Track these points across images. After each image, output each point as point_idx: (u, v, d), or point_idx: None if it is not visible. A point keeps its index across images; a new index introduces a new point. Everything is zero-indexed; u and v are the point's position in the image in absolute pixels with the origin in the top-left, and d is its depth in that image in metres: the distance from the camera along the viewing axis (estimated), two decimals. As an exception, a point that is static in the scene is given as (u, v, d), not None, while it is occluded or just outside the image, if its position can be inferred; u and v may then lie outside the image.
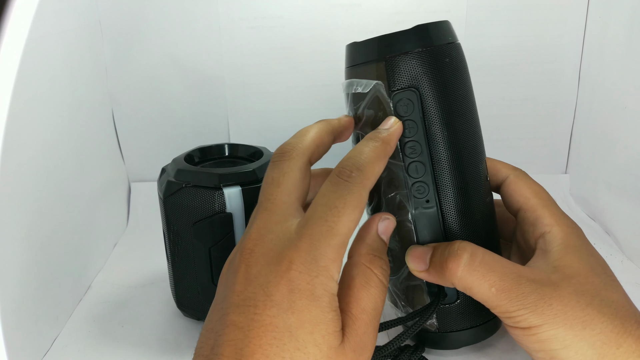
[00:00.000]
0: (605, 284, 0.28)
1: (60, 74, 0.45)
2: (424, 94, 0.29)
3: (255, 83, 0.62)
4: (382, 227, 0.29)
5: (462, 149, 0.30)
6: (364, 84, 0.30)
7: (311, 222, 0.25)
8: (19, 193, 0.36)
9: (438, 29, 0.30)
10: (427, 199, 0.30)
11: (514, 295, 0.27)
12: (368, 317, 0.26)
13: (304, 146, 0.29)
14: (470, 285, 0.28)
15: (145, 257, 0.52)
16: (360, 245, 0.28)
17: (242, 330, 0.23)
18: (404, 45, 0.29)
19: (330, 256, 0.25)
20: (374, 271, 0.27)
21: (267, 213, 0.27)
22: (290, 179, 0.28)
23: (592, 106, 0.60)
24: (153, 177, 0.58)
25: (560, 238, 0.30)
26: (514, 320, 0.28)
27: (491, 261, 0.29)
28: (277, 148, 0.30)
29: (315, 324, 0.23)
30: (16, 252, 0.36)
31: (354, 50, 0.32)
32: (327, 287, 0.24)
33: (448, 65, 0.30)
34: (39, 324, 0.38)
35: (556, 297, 0.27)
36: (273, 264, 0.24)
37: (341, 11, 0.59)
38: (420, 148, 0.30)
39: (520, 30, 0.60)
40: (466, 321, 0.32)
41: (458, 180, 0.30)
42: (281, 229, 0.26)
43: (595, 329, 0.26)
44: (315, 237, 0.25)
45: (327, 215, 0.25)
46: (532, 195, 0.32)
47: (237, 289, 0.25)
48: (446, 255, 0.29)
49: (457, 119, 0.30)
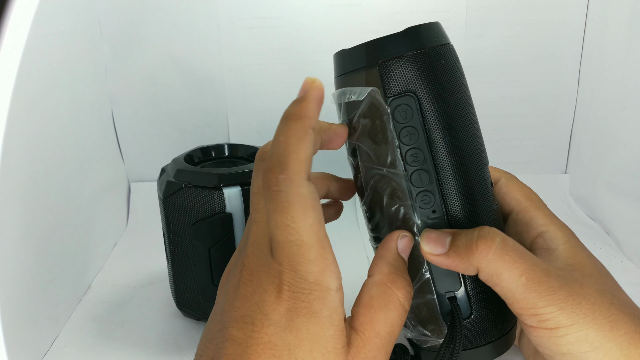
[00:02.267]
0: (615, 285, 0.28)
1: (60, 74, 0.45)
2: (422, 99, 0.28)
3: (255, 83, 0.62)
4: (401, 246, 0.28)
5: (466, 153, 0.29)
6: (358, 92, 0.29)
7: (278, 247, 0.24)
8: (19, 193, 0.36)
9: (430, 31, 0.29)
10: (433, 209, 0.29)
11: (543, 288, 0.26)
12: (381, 341, 0.25)
13: None
14: (500, 271, 0.26)
15: (144, 257, 0.52)
16: (381, 264, 0.27)
17: (241, 346, 0.23)
18: (397, 49, 0.28)
19: (315, 270, 0.23)
20: (396, 292, 0.26)
21: (257, 226, 0.26)
22: None
23: (592, 106, 0.60)
24: (153, 177, 0.58)
25: (562, 236, 0.30)
26: (540, 319, 0.26)
27: (521, 249, 0.27)
28: (258, 150, 0.28)
29: (314, 342, 0.23)
30: (16, 252, 0.36)
31: (343, 58, 0.30)
32: (325, 300, 0.23)
33: (444, 67, 0.28)
34: (39, 324, 0.38)
35: (584, 295, 0.26)
36: (265, 283, 0.24)
37: (341, 11, 0.59)
38: (423, 155, 0.28)
39: (520, 30, 0.60)
40: (481, 337, 0.30)
41: (465, 187, 0.29)
42: (268, 244, 0.25)
43: (621, 329, 0.26)
44: (292, 259, 0.23)
45: (286, 235, 0.23)
46: (524, 198, 0.32)
47: (237, 305, 0.24)
48: (476, 238, 0.27)
49: (459, 123, 0.29)
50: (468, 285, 0.29)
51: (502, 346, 0.31)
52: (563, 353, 0.26)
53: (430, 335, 0.30)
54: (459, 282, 0.29)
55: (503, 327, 0.30)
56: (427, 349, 0.31)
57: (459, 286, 0.29)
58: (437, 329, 0.30)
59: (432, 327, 0.30)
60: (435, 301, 0.29)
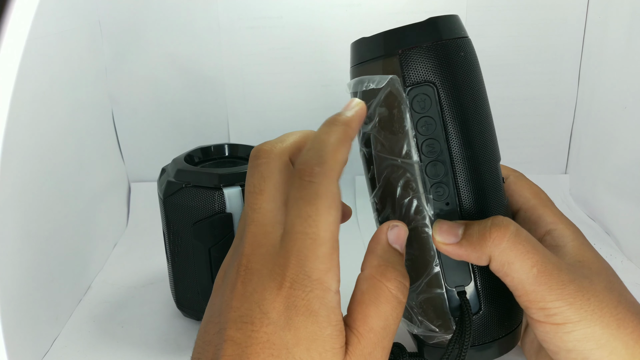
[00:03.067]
0: (621, 284, 0.28)
1: (60, 74, 0.45)
2: (441, 89, 0.28)
3: (255, 83, 0.62)
4: (392, 236, 0.27)
5: (481, 147, 0.29)
6: (377, 80, 0.29)
7: (291, 237, 0.24)
8: (19, 193, 0.36)
9: (451, 23, 0.29)
10: (447, 202, 0.28)
11: (554, 281, 0.26)
12: (376, 336, 0.24)
13: (283, 146, 0.27)
14: (512, 260, 0.26)
15: (145, 257, 0.52)
16: (370, 257, 0.27)
17: (240, 347, 0.23)
18: (418, 39, 0.28)
19: (321, 268, 0.23)
20: (387, 284, 0.25)
21: (255, 225, 0.25)
22: (272, 183, 0.26)
23: (592, 106, 0.60)
24: (153, 177, 0.58)
25: (571, 234, 0.30)
26: (548, 313, 0.26)
27: (534, 241, 0.27)
28: (254, 148, 0.28)
29: (312, 341, 0.23)
30: (16, 252, 0.36)
31: (362, 47, 0.30)
32: (324, 300, 0.23)
33: (464, 60, 0.28)
34: (39, 324, 0.38)
35: (592, 292, 0.26)
36: (266, 280, 0.24)
37: (341, 11, 0.59)
38: (440, 146, 0.28)
39: (520, 30, 0.60)
40: (488, 334, 0.30)
41: (479, 180, 0.29)
42: (269, 242, 0.25)
43: (628, 328, 0.26)
44: (301, 252, 0.23)
45: (304, 227, 0.23)
46: (532, 196, 0.32)
47: (234, 305, 0.24)
48: (489, 226, 0.27)
49: (476, 116, 0.29)
50: (478, 281, 0.29)
51: (507, 344, 0.31)
52: (569, 350, 0.26)
53: (438, 331, 0.30)
54: (469, 276, 0.29)
55: (510, 324, 0.30)
56: (433, 345, 0.31)
57: (469, 281, 0.29)
58: (445, 324, 0.30)
59: (439, 323, 0.30)
60: (444, 295, 0.29)
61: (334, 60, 0.59)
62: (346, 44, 0.32)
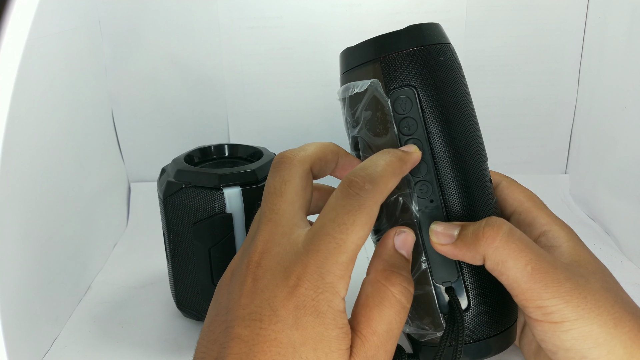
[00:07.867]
0: (617, 284, 0.28)
1: (60, 74, 0.45)
2: (421, 91, 0.29)
3: (255, 83, 0.62)
4: (399, 242, 0.28)
5: (464, 146, 0.30)
6: (360, 84, 0.30)
7: (319, 237, 0.24)
8: (19, 193, 0.36)
9: (431, 30, 0.30)
10: (431, 199, 0.30)
11: (549, 279, 0.26)
12: (379, 339, 0.25)
13: (305, 154, 0.28)
14: (506, 259, 0.26)
15: (145, 257, 0.52)
16: (376, 262, 0.27)
17: (247, 344, 0.23)
18: (399, 45, 0.29)
19: (337, 273, 0.24)
20: (391, 289, 0.26)
21: (272, 224, 0.26)
22: (292, 187, 0.27)
23: (591, 106, 0.60)
24: (153, 177, 0.58)
25: (565, 235, 0.30)
26: (545, 312, 0.26)
27: (527, 240, 0.27)
28: (278, 154, 0.29)
29: (318, 341, 0.23)
30: (16, 252, 0.36)
31: (348, 55, 0.32)
32: (332, 303, 0.24)
33: (444, 64, 0.30)
34: (39, 324, 0.38)
35: (589, 291, 0.26)
36: (280, 278, 0.24)
37: (341, 11, 0.59)
38: (422, 146, 0.29)
39: (520, 30, 0.61)
40: (479, 331, 0.30)
41: (461, 177, 0.30)
42: (287, 241, 0.25)
43: (625, 327, 0.26)
44: (323, 254, 0.24)
45: (335, 231, 0.24)
46: (525, 199, 0.32)
47: (243, 302, 0.24)
48: (483, 226, 0.27)
49: (457, 117, 0.30)
50: (466, 277, 0.29)
51: (501, 343, 0.31)
52: (567, 349, 0.26)
53: (428, 329, 0.30)
54: (456, 272, 0.29)
55: (502, 322, 0.30)
56: (425, 343, 0.31)
57: (456, 276, 0.29)
58: (434, 321, 0.30)
59: (429, 320, 0.30)
60: (433, 292, 0.30)
61: (334, 60, 0.59)
62: (346, 44, 0.32)
